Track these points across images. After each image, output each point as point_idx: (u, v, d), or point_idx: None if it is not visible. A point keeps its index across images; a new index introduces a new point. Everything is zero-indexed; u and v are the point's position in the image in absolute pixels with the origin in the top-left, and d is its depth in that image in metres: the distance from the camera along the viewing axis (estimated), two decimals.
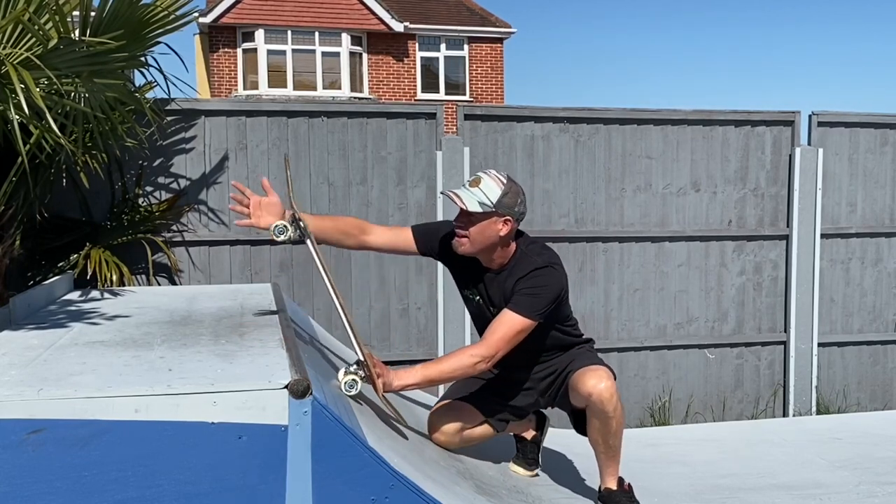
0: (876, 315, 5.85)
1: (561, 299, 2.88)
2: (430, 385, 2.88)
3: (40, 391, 2.01)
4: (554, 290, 2.82)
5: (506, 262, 2.89)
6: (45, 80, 3.25)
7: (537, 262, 2.83)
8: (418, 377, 2.72)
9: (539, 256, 2.87)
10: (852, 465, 3.68)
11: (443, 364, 2.81)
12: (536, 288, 2.78)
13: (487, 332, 2.79)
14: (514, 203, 2.81)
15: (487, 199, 2.77)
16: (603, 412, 2.80)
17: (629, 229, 5.48)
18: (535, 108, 5.36)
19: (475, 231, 2.80)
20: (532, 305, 2.77)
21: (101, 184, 4.56)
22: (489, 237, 2.81)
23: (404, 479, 2.19)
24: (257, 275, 4.94)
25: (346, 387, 2.52)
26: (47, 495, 1.94)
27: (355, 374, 2.54)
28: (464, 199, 2.79)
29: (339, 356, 3.27)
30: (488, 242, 2.82)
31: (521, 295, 2.78)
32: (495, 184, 2.80)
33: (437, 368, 2.78)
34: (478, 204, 2.77)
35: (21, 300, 3.15)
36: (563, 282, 2.87)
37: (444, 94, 19.51)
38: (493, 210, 2.77)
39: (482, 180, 2.81)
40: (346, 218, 3.07)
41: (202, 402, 2.03)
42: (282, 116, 4.98)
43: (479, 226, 2.79)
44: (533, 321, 2.77)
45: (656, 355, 5.59)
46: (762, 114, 5.60)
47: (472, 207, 2.77)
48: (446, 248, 2.97)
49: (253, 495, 2.04)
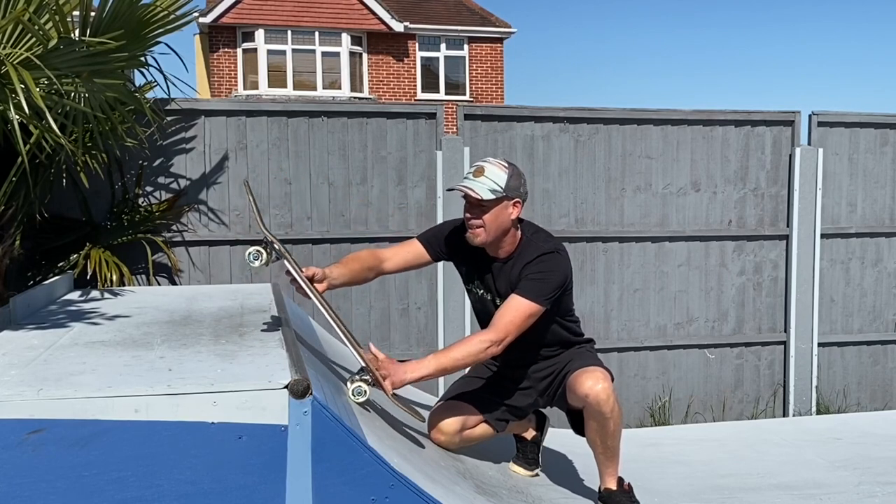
0: (876, 315, 5.85)
1: (566, 287, 2.90)
2: (444, 374, 2.86)
3: (40, 391, 2.01)
4: (560, 276, 2.85)
5: (513, 249, 2.92)
6: (45, 80, 3.25)
7: (543, 248, 2.87)
8: (431, 368, 2.71)
9: (545, 243, 2.91)
10: (852, 465, 3.68)
11: (454, 352, 2.80)
12: (543, 273, 2.81)
13: (496, 317, 2.80)
14: (519, 185, 2.87)
15: (497, 185, 2.81)
16: (600, 413, 2.80)
17: (629, 229, 5.48)
18: (535, 108, 5.36)
19: (490, 219, 2.83)
20: (539, 290, 2.78)
21: (101, 184, 4.56)
22: (503, 223, 2.85)
23: (404, 479, 2.19)
24: (257, 275, 4.93)
25: (355, 394, 2.53)
26: (47, 495, 1.94)
27: (361, 380, 2.55)
28: (476, 189, 2.81)
29: (340, 357, 3.27)
30: (502, 228, 2.86)
31: (528, 280, 2.81)
32: (499, 169, 2.85)
33: (450, 357, 2.76)
34: (489, 191, 2.80)
35: (21, 300, 3.15)
36: (567, 268, 2.90)
37: (444, 94, 19.50)
38: (504, 195, 2.82)
39: (486, 168, 2.85)
40: (360, 254, 3.07)
41: (202, 402, 2.03)
42: (282, 116, 4.98)
43: (492, 213, 2.83)
44: (540, 306, 2.78)
45: (656, 355, 5.59)
46: (762, 114, 5.60)
47: (486, 196, 2.80)
48: (453, 245, 3.00)
49: (253, 495, 2.04)
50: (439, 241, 3.06)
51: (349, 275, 2.93)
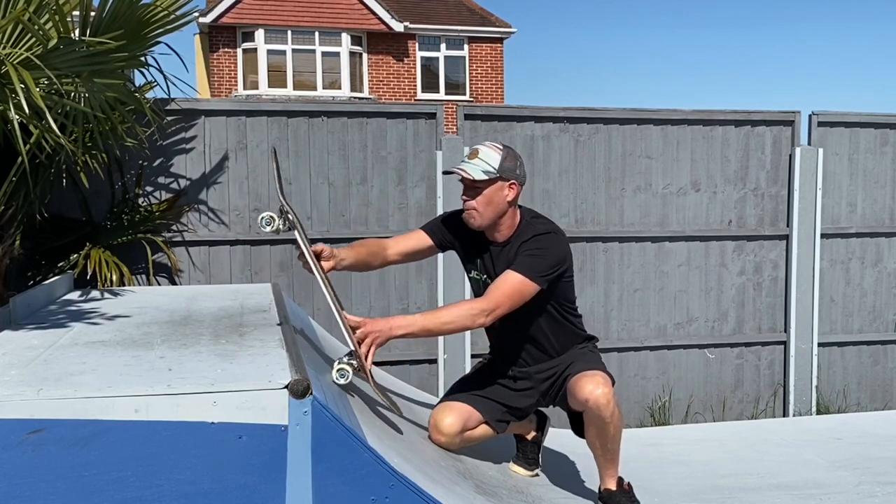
0: (876, 315, 5.85)
1: (563, 270, 2.90)
2: (428, 336, 2.84)
3: (40, 391, 2.01)
4: (555, 255, 2.86)
5: (511, 233, 2.93)
6: (45, 80, 3.25)
7: (540, 229, 2.90)
8: (417, 327, 2.71)
9: (543, 225, 2.94)
10: (852, 465, 3.68)
11: (443, 315, 2.80)
12: (537, 250, 2.83)
13: (489, 289, 2.82)
14: (514, 166, 2.89)
15: (490, 166, 2.84)
16: (600, 418, 2.80)
17: (629, 229, 5.48)
18: (535, 108, 5.36)
19: (483, 200, 2.85)
20: (532, 266, 2.79)
21: (101, 184, 4.56)
22: (498, 204, 2.87)
23: (404, 479, 2.19)
24: (257, 275, 4.94)
25: (337, 376, 2.50)
26: (47, 495, 1.94)
27: (347, 364, 2.53)
28: (468, 170, 2.85)
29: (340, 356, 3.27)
30: (498, 210, 2.88)
31: (523, 256, 2.83)
32: (493, 151, 2.88)
33: (438, 320, 2.76)
34: (482, 172, 2.83)
35: (21, 300, 3.16)
36: (565, 250, 2.91)
37: (444, 94, 19.50)
38: (498, 175, 2.84)
39: (480, 151, 2.89)
40: (367, 241, 3.14)
41: (202, 402, 2.03)
42: (282, 116, 4.98)
43: (486, 194, 2.85)
44: (533, 283, 2.78)
45: (656, 355, 5.59)
46: (762, 114, 5.60)
47: (478, 176, 2.83)
48: (454, 229, 3.03)
49: (253, 495, 2.04)
50: (441, 227, 3.08)
51: (355, 258, 2.94)
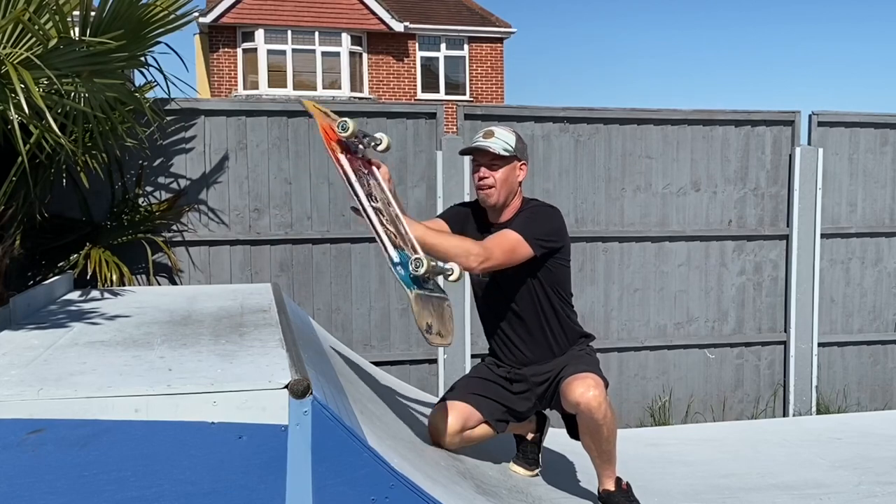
0: (876, 315, 5.85)
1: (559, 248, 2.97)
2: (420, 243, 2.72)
3: (40, 391, 2.01)
4: (549, 222, 2.96)
5: (513, 214, 3.00)
6: (45, 80, 3.25)
7: (536, 203, 3.04)
8: (417, 232, 2.70)
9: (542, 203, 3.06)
10: (852, 465, 3.68)
11: (441, 238, 2.82)
12: (532, 215, 2.94)
13: (485, 239, 2.89)
14: (524, 148, 3.02)
15: (508, 145, 2.93)
16: (592, 420, 2.81)
17: (629, 229, 5.48)
18: (535, 108, 5.36)
19: (501, 178, 2.94)
20: (528, 227, 2.88)
21: (101, 184, 4.56)
22: (512, 183, 2.97)
23: (404, 479, 2.19)
24: (257, 275, 4.94)
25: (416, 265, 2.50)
26: (47, 495, 1.94)
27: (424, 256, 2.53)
28: (490, 146, 2.92)
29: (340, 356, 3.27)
30: (511, 189, 2.98)
31: (519, 219, 2.94)
32: (508, 132, 2.99)
33: (433, 238, 2.77)
34: (503, 149, 2.92)
35: (21, 300, 3.16)
36: (561, 224, 3.00)
37: (444, 93, 19.48)
38: (514, 154, 2.94)
39: (495, 131, 2.98)
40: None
41: (202, 402, 2.03)
42: (282, 116, 4.98)
43: (503, 171, 2.94)
44: (527, 243, 2.85)
45: (656, 355, 5.59)
46: (762, 114, 5.60)
47: (500, 151, 2.91)
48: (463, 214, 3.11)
49: (253, 495, 2.04)
50: (455, 216, 3.15)
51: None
